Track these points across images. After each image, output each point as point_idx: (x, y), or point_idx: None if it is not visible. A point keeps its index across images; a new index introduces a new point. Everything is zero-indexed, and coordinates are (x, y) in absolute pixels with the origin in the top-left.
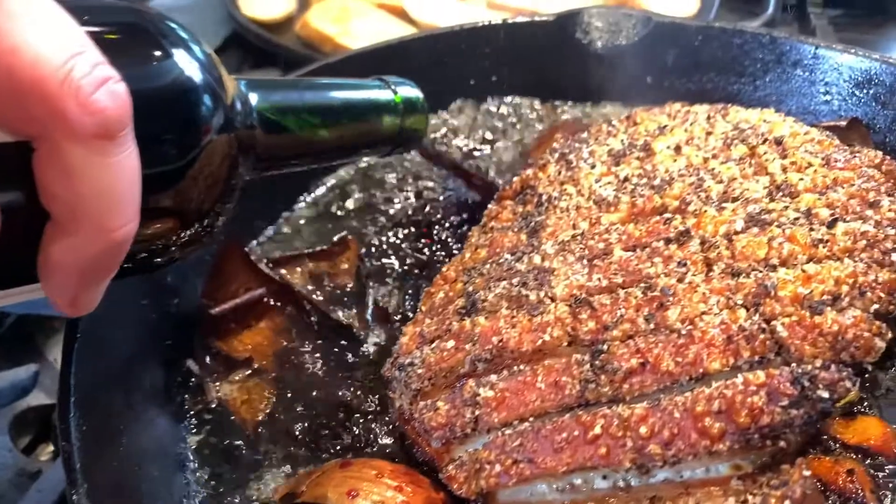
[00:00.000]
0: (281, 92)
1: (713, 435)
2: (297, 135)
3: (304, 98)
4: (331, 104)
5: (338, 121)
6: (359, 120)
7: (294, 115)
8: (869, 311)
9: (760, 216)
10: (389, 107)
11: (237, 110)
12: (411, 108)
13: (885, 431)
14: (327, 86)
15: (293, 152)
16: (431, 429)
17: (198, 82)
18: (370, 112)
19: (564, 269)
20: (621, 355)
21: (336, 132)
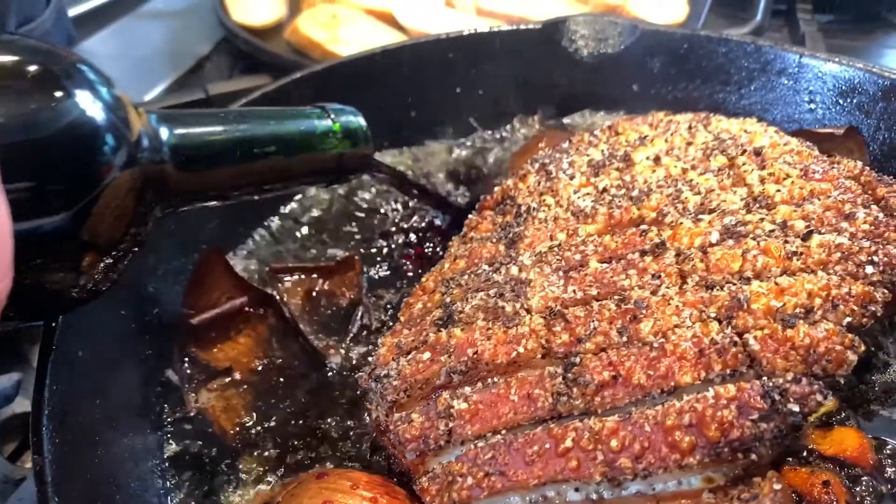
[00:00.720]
0: (198, 125)
1: (683, 449)
2: (215, 170)
3: (222, 131)
4: (254, 136)
5: (263, 153)
6: (291, 151)
7: (210, 150)
8: (842, 324)
9: (736, 228)
10: (327, 136)
11: (143, 146)
12: (352, 136)
13: (861, 442)
14: (254, 117)
15: (215, 187)
16: (406, 441)
17: (89, 123)
18: (304, 142)
19: (541, 281)
20: (594, 368)
21: (263, 165)
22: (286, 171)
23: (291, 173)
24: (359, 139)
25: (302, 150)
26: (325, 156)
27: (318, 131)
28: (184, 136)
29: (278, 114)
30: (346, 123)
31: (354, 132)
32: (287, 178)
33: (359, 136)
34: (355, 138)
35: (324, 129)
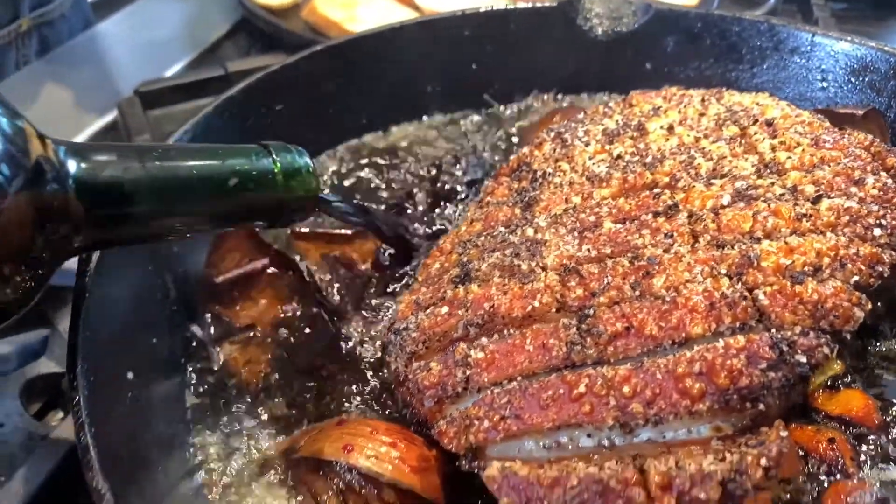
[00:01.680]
0: (111, 160)
1: (693, 395)
2: (127, 209)
3: (137, 168)
4: (175, 177)
5: (188, 195)
6: (222, 193)
7: (121, 188)
8: (849, 283)
9: (747, 192)
10: (266, 176)
11: (44, 176)
12: (294, 177)
13: (866, 403)
14: (182, 154)
15: (129, 227)
16: (424, 388)
17: None
18: (237, 184)
19: (556, 241)
20: (607, 319)
21: (186, 207)
22: (215, 214)
23: (221, 216)
24: (302, 180)
25: (235, 192)
26: (263, 198)
27: (254, 171)
28: (90, 171)
29: (211, 151)
30: (289, 163)
31: (297, 172)
32: (217, 221)
33: (302, 176)
34: (298, 179)
35: (262, 170)
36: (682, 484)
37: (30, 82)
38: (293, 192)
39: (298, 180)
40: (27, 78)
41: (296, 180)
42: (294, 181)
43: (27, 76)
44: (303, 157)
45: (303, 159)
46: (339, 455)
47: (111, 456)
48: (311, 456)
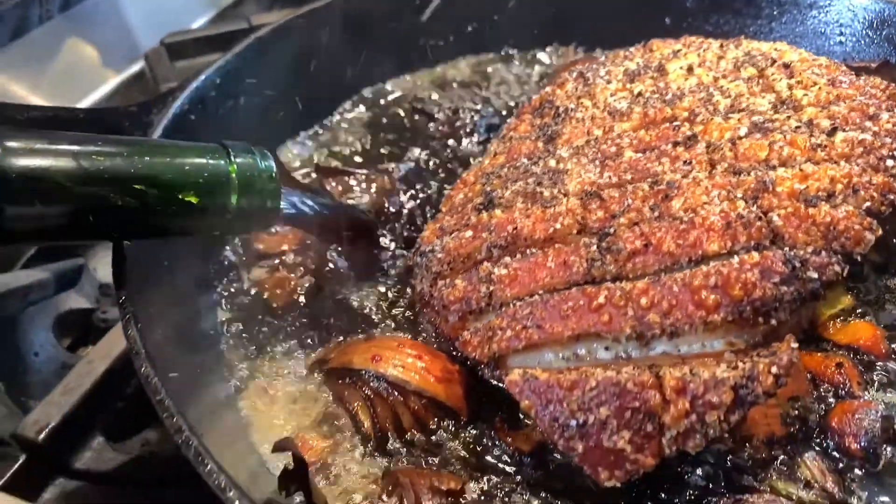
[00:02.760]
0: (39, 148)
1: (709, 306)
2: (48, 205)
3: (68, 155)
4: (106, 171)
5: (121, 194)
6: (161, 196)
7: (42, 179)
8: (861, 208)
9: (764, 125)
10: (218, 180)
11: None
12: (251, 183)
13: (875, 333)
14: (122, 147)
15: (47, 224)
16: (449, 303)
17: None
18: (181, 185)
19: (577, 170)
20: (626, 238)
21: (116, 209)
22: (149, 220)
23: (157, 223)
24: (261, 189)
25: (176, 196)
26: (212, 204)
27: (204, 174)
28: (6, 156)
29: (155, 147)
30: (247, 167)
31: (255, 178)
32: (152, 228)
33: (260, 184)
34: (256, 187)
35: (214, 172)
36: (695, 388)
37: (53, 37)
38: (248, 200)
39: (256, 188)
40: (50, 33)
41: (253, 188)
42: (251, 189)
43: (50, 31)
44: (265, 161)
45: (264, 163)
46: (367, 364)
47: (154, 351)
48: (341, 366)
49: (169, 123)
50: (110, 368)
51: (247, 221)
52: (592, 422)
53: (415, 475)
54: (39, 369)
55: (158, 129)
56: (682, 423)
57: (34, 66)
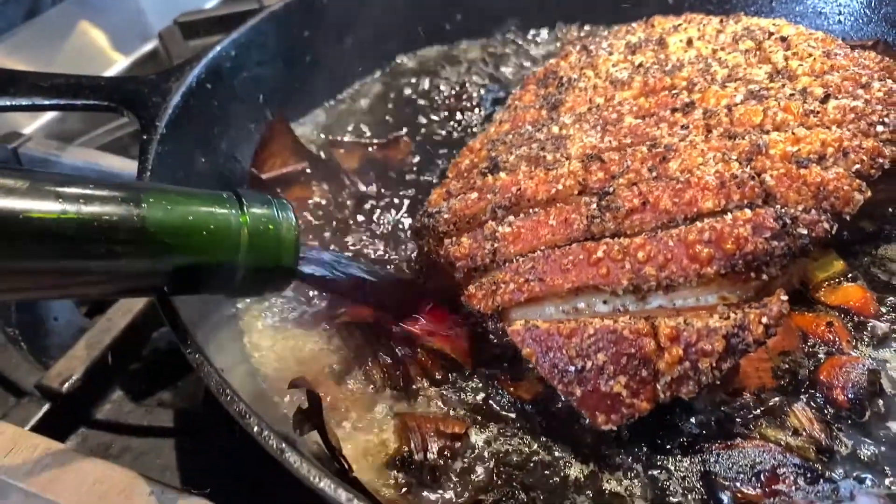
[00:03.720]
0: (16, 187)
1: (702, 259)
2: (21, 259)
3: (47, 197)
4: (83, 217)
5: (100, 242)
6: (153, 249)
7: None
8: (851, 170)
9: (759, 92)
10: (226, 232)
11: None
12: (264, 238)
13: (864, 295)
14: (111, 189)
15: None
16: (455, 260)
17: None
18: (178, 237)
19: (579, 135)
20: (625, 197)
21: (99, 262)
22: (141, 278)
23: (149, 281)
24: (275, 245)
25: (174, 250)
26: (217, 261)
27: (210, 225)
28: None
29: (155, 192)
30: (261, 220)
31: (269, 234)
32: (142, 286)
33: (276, 240)
34: (269, 243)
35: (222, 224)
36: (689, 336)
37: (66, 17)
38: (260, 259)
39: (269, 244)
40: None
41: (267, 246)
42: (264, 246)
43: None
44: (283, 211)
45: (283, 215)
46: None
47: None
48: (353, 320)
49: (186, 91)
50: (131, 324)
51: (257, 284)
52: (590, 367)
53: (421, 420)
54: (59, 333)
55: (176, 95)
56: (676, 369)
57: (47, 45)
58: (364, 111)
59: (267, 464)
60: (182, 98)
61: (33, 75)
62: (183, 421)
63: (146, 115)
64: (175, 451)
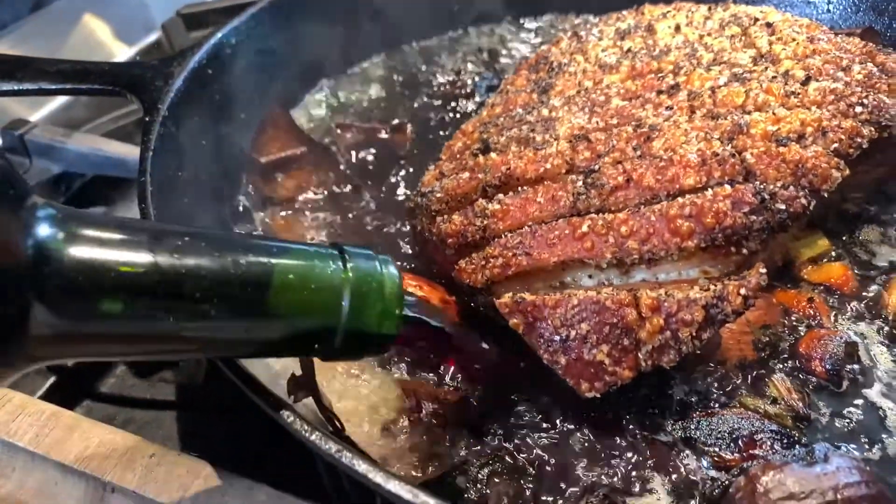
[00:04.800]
0: (112, 238)
1: (683, 233)
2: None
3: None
4: (194, 273)
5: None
6: (254, 305)
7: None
8: (829, 149)
9: (742, 75)
10: (325, 292)
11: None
12: (367, 296)
13: (845, 272)
14: (211, 243)
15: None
16: (446, 236)
17: None
18: (281, 292)
19: (568, 117)
20: (610, 175)
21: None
22: (233, 341)
23: (240, 346)
24: (379, 305)
25: (277, 306)
26: (316, 321)
27: (311, 285)
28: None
29: (250, 246)
30: (365, 278)
31: (374, 293)
32: (233, 347)
33: (379, 299)
34: (373, 303)
35: (324, 281)
36: (669, 307)
37: (72, 8)
38: (361, 320)
39: (373, 304)
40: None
41: (370, 306)
42: (366, 306)
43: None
44: (387, 267)
45: (387, 271)
46: None
47: None
48: None
49: (188, 75)
50: None
51: (356, 348)
52: (574, 336)
53: (416, 385)
54: None
55: (178, 80)
56: (657, 338)
57: (53, 36)
58: (363, 97)
59: (265, 434)
60: (184, 82)
61: (39, 61)
62: (184, 396)
63: (149, 98)
64: (176, 423)
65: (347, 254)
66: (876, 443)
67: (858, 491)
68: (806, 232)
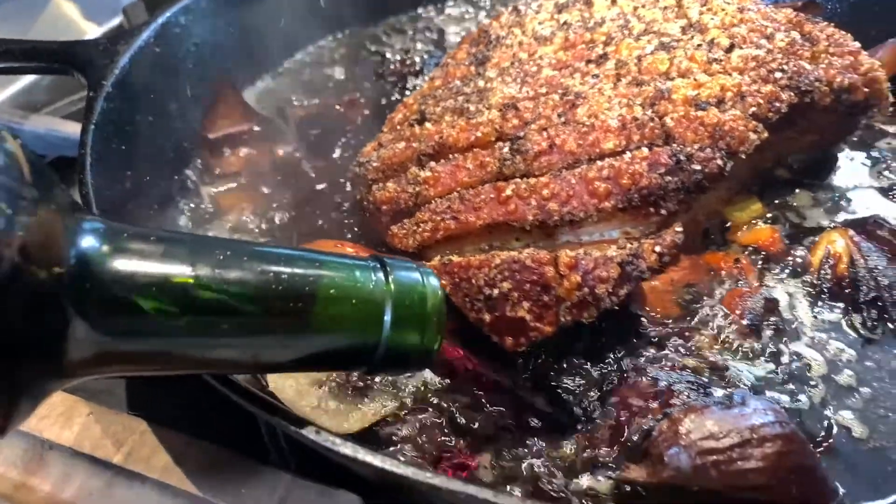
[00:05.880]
0: (155, 250)
1: (601, 194)
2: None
3: (175, 265)
4: (219, 281)
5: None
6: (296, 321)
7: (163, 292)
8: (748, 113)
9: (670, 44)
10: (367, 305)
11: (42, 258)
12: (410, 310)
13: (773, 235)
14: (252, 257)
15: (143, 357)
16: (381, 203)
17: None
18: (322, 306)
19: (501, 87)
20: (535, 140)
21: (222, 331)
22: (274, 354)
23: (290, 353)
24: (422, 319)
25: (318, 320)
26: (353, 334)
27: (352, 300)
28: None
29: (291, 258)
30: (407, 290)
31: (417, 304)
32: (274, 363)
33: (422, 313)
34: (415, 316)
35: (366, 294)
36: (586, 264)
37: None
38: (403, 334)
39: (414, 320)
40: None
41: (412, 317)
42: (409, 318)
43: None
44: (429, 278)
45: (430, 284)
46: None
47: None
48: None
49: (134, 53)
50: None
51: (399, 363)
52: (497, 295)
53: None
54: None
55: (124, 57)
56: (575, 294)
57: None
58: (315, 77)
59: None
60: (130, 60)
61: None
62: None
63: (94, 75)
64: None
65: (389, 266)
66: (802, 393)
67: (773, 430)
68: (741, 197)
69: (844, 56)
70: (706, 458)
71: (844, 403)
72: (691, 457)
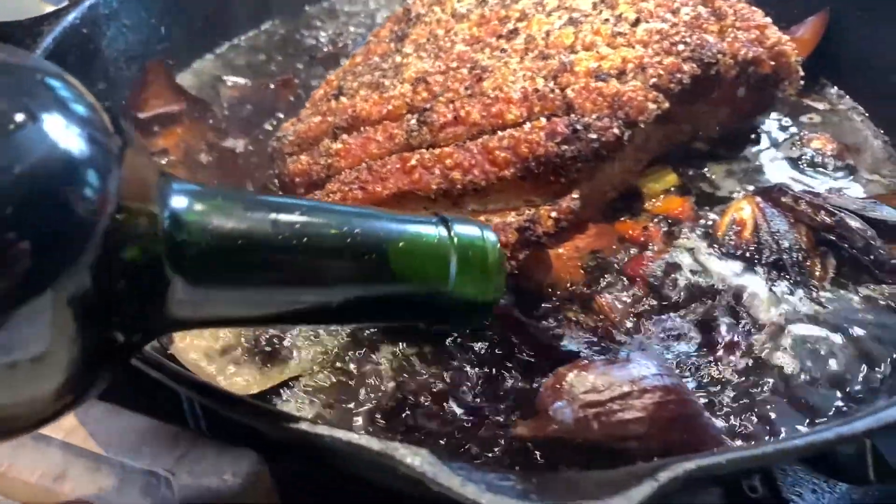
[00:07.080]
0: (239, 209)
1: (500, 163)
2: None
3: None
4: (313, 243)
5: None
6: (356, 271)
7: (248, 248)
8: (648, 84)
9: (578, 19)
10: (433, 254)
11: (140, 227)
12: (472, 263)
13: (684, 204)
14: (322, 213)
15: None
16: (294, 175)
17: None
18: (390, 257)
19: (415, 63)
20: (441, 112)
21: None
22: (344, 300)
23: (352, 305)
24: (483, 269)
25: (386, 272)
26: (421, 284)
27: (416, 249)
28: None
29: (362, 213)
30: (469, 244)
31: (479, 257)
32: (341, 310)
33: (484, 264)
34: (477, 267)
35: (430, 243)
36: None
37: None
38: (467, 287)
39: (478, 270)
40: None
41: (474, 270)
42: (472, 271)
43: None
44: (486, 232)
45: (490, 240)
46: None
47: None
48: None
49: (58, 35)
50: None
51: (463, 316)
52: None
53: None
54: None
55: (47, 38)
56: None
57: None
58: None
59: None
60: (53, 41)
61: None
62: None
63: None
64: None
65: (450, 221)
66: None
67: (653, 381)
68: (655, 168)
69: (751, 30)
70: (587, 410)
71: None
72: (574, 410)
